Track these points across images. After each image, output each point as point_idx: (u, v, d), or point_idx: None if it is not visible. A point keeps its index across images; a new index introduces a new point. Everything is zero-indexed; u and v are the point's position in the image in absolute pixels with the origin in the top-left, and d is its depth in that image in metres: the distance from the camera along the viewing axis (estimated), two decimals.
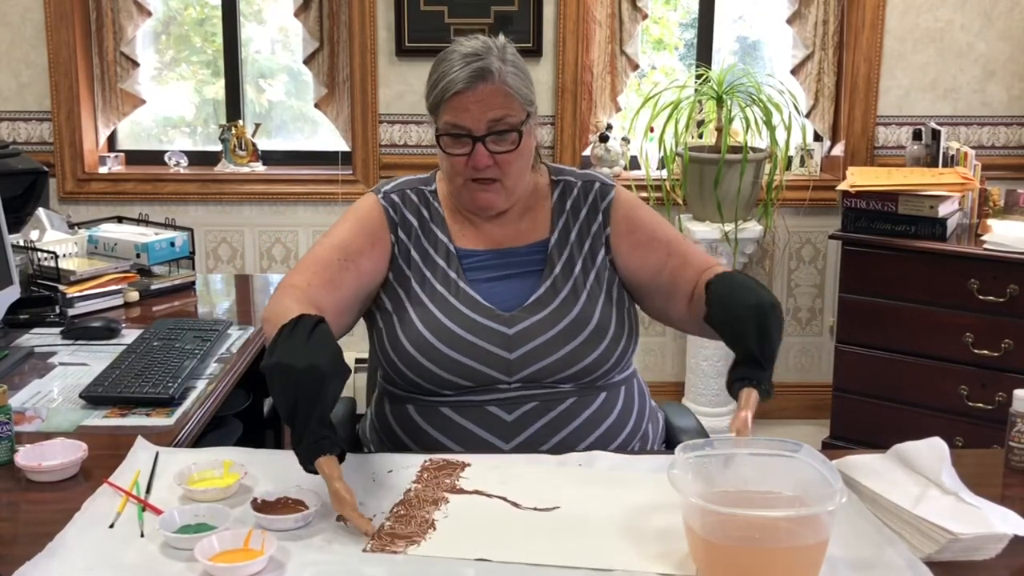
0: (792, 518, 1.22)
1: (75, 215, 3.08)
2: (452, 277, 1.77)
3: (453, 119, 1.69)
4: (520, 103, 1.71)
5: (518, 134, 1.70)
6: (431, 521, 1.38)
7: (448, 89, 1.68)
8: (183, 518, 1.34)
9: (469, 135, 1.69)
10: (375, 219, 1.80)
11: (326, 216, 3.86)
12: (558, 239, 1.81)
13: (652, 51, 4.04)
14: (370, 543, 1.31)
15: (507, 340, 1.70)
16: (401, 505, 1.42)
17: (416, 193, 1.84)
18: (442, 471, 1.53)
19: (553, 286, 1.76)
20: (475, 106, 1.67)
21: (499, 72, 1.68)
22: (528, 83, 1.74)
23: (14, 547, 1.31)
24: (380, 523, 1.36)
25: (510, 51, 1.73)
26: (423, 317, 1.73)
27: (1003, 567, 1.28)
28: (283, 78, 4.07)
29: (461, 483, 1.49)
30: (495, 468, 1.55)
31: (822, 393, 3.73)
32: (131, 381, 1.84)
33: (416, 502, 1.43)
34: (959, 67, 3.77)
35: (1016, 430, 1.55)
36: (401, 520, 1.38)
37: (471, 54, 1.69)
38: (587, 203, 1.84)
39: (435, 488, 1.47)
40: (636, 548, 1.31)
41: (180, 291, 2.59)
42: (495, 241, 1.81)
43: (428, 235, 1.81)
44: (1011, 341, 3.13)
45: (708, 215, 3.58)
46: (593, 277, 1.78)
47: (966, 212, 3.46)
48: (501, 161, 1.71)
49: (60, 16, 3.70)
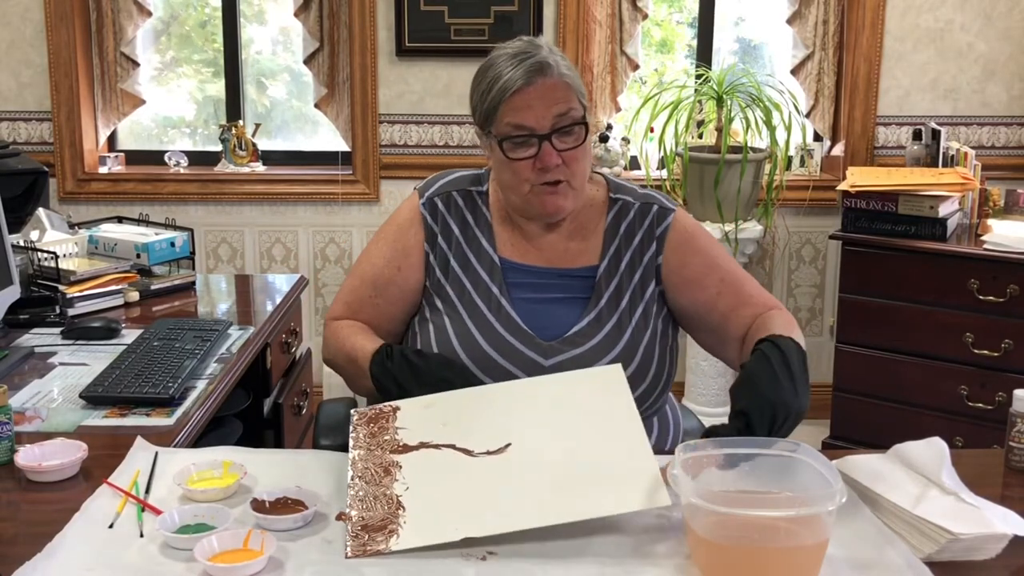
0: (792, 518, 1.22)
1: (75, 215, 3.07)
2: (494, 292, 1.70)
3: (514, 119, 1.61)
4: (578, 96, 1.64)
5: (583, 127, 1.63)
6: (395, 499, 1.35)
7: (506, 89, 1.60)
8: (182, 518, 1.34)
9: (533, 134, 1.61)
10: (410, 234, 1.75)
11: (326, 216, 3.86)
12: (608, 266, 1.72)
13: (656, 53, 4.03)
14: (349, 545, 1.28)
15: (542, 371, 1.64)
16: (354, 483, 1.39)
17: (463, 196, 1.77)
18: (375, 423, 1.49)
19: (598, 319, 1.68)
20: (538, 102, 1.60)
21: (557, 65, 1.62)
22: (579, 77, 1.67)
23: (14, 547, 1.31)
24: (345, 511, 1.35)
25: (556, 47, 1.67)
26: (459, 331, 1.68)
27: (1003, 567, 1.28)
28: (284, 78, 4.07)
29: (401, 435, 1.46)
30: (429, 406, 1.51)
31: (822, 393, 3.72)
32: (131, 381, 1.84)
33: (368, 475, 1.40)
34: (959, 67, 3.77)
35: (1016, 430, 1.55)
36: (365, 504, 1.35)
37: (520, 53, 1.62)
38: (642, 228, 1.73)
39: (379, 451, 1.43)
40: (606, 483, 1.34)
41: (180, 291, 2.59)
42: (544, 257, 1.73)
43: (471, 242, 1.74)
44: (1011, 341, 3.13)
45: (708, 215, 3.58)
46: (640, 312, 1.70)
47: (966, 212, 3.47)
48: (568, 159, 1.62)
49: (60, 16, 3.70)
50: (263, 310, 2.51)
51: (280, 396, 2.50)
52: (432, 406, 1.51)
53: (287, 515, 1.34)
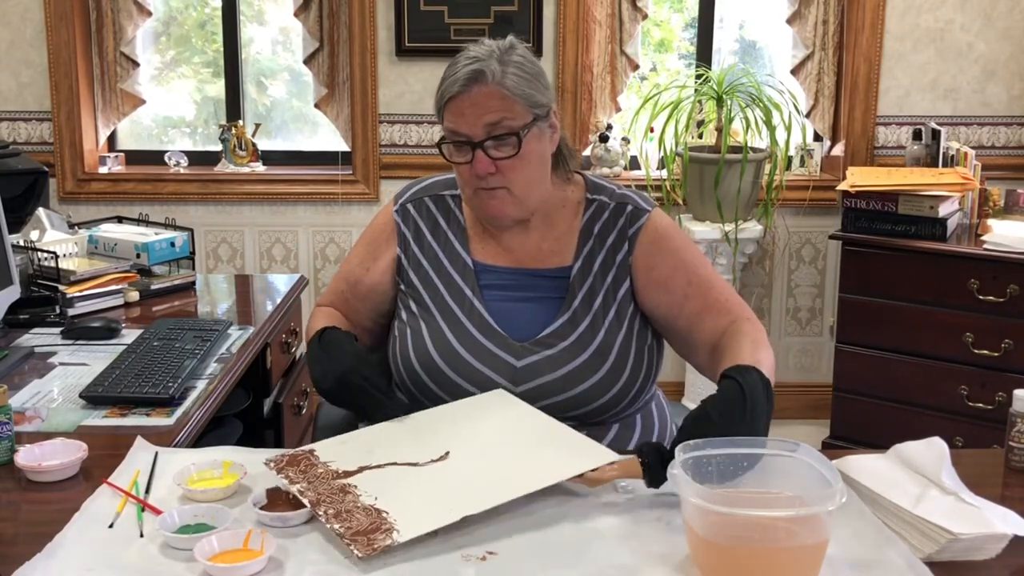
0: (792, 518, 1.22)
1: (75, 215, 3.07)
2: (467, 294, 1.72)
3: (451, 125, 1.64)
4: (522, 106, 1.62)
5: (517, 138, 1.62)
6: (371, 508, 1.33)
7: (446, 93, 1.63)
8: (182, 518, 1.34)
9: (468, 141, 1.63)
10: (382, 239, 1.82)
11: (326, 216, 3.86)
12: (581, 267, 1.72)
13: (654, 52, 4.03)
14: (355, 548, 1.25)
15: (514, 373, 1.65)
16: (320, 507, 1.34)
17: (435, 201, 1.80)
18: (297, 465, 1.45)
19: (571, 320, 1.68)
20: (470, 110, 1.61)
21: (494, 74, 1.60)
22: (536, 85, 1.65)
23: (14, 547, 1.31)
24: (328, 528, 1.31)
25: (517, 53, 1.65)
26: (433, 334, 1.70)
27: (1003, 567, 1.28)
28: (284, 78, 4.07)
29: (334, 466, 1.44)
30: (344, 443, 1.53)
31: (822, 393, 3.73)
32: (131, 381, 1.84)
33: (328, 497, 1.36)
34: (959, 67, 3.77)
35: (1016, 430, 1.55)
36: (342, 517, 1.32)
37: (472, 58, 1.63)
38: (615, 228, 1.73)
39: (320, 481, 1.40)
40: (560, 451, 1.44)
41: (180, 291, 2.59)
42: (516, 258, 1.74)
43: (444, 245, 1.76)
44: (1011, 341, 3.13)
45: (708, 215, 3.58)
46: (614, 312, 1.70)
47: (966, 212, 3.46)
48: (504, 168, 1.63)
49: (60, 16, 3.70)
50: (263, 310, 2.51)
51: (280, 396, 2.50)
52: (346, 442, 1.54)
53: (289, 512, 1.35)
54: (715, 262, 3.60)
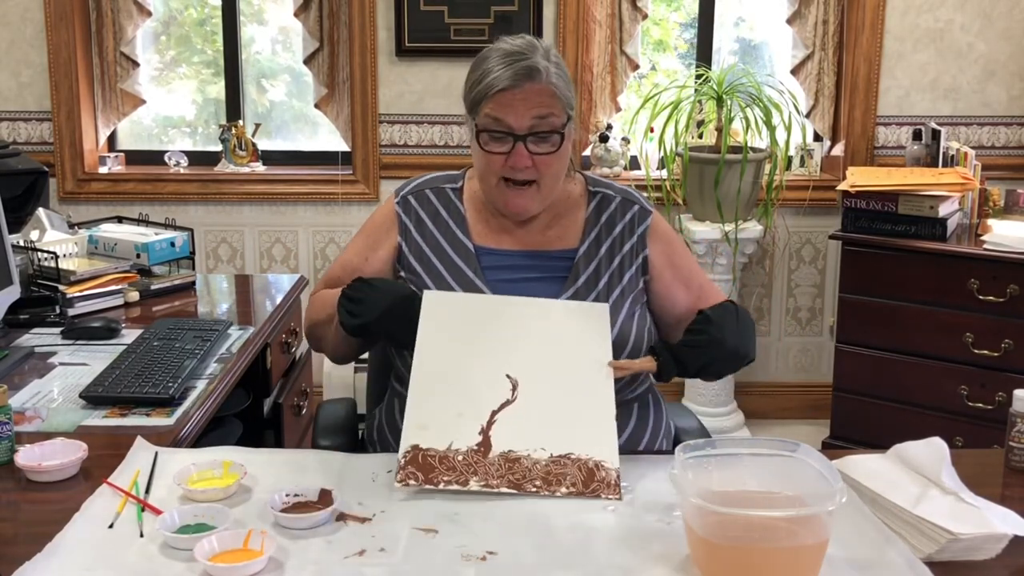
0: (792, 518, 1.22)
1: (75, 215, 3.07)
2: (468, 275, 1.74)
3: (495, 114, 1.65)
4: (563, 105, 1.67)
5: (560, 136, 1.67)
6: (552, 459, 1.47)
7: (492, 86, 1.64)
8: (182, 518, 1.34)
9: (510, 133, 1.65)
10: (382, 230, 1.82)
11: (326, 216, 3.86)
12: (587, 249, 1.76)
13: (653, 51, 4.03)
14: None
15: None
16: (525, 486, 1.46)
17: (436, 192, 1.83)
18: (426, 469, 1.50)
19: (575, 297, 1.72)
20: (520, 104, 1.64)
21: (546, 71, 1.65)
22: (570, 86, 1.71)
23: (14, 547, 1.31)
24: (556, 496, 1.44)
25: (553, 52, 1.70)
26: None
27: (1003, 567, 1.28)
28: (284, 78, 4.07)
29: (459, 445, 1.50)
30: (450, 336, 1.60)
31: (822, 393, 3.73)
32: (131, 381, 1.84)
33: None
34: (959, 67, 3.77)
35: (1016, 430, 1.55)
36: (550, 482, 1.45)
37: (515, 52, 1.66)
38: (623, 220, 1.79)
39: (471, 467, 1.48)
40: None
41: (180, 291, 2.59)
42: (520, 242, 1.78)
43: (445, 233, 1.78)
44: (1011, 341, 3.13)
45: (708, 215, 3.58)
46: (618, 293, 1.73)
47: (966, 212, 3.47)
48: (540, 163, 1.67)
49: (60, 16, 3.70)
50: (263, 310, 2.51)
51: (280, 396, 2.50)
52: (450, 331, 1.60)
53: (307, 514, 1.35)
54: (715, 262, 3.60)
